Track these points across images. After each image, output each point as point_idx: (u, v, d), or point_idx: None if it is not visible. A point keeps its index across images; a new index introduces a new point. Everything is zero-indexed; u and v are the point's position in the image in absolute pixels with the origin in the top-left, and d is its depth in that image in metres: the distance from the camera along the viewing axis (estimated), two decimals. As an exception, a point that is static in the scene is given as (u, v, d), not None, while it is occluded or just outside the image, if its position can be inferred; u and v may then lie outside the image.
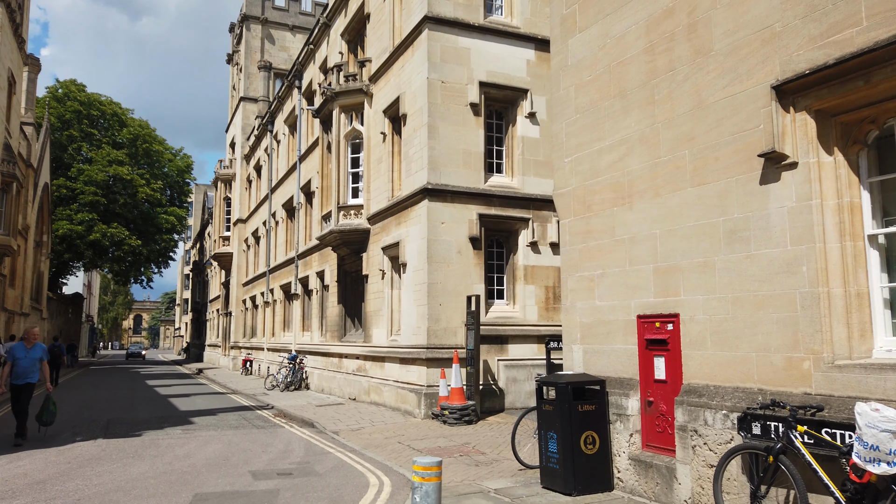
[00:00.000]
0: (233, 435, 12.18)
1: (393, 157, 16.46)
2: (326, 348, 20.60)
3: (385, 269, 16.38)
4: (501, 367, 14.50)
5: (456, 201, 14.46)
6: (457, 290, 14.21)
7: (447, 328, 14.05)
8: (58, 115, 46.37)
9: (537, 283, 15.14)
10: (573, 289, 8.26)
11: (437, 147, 14.39)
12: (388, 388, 15.44)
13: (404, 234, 15.31)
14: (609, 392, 7.44)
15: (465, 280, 14.33)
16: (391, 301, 16.15)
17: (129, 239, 45.18)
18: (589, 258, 8.01)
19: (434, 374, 13.76)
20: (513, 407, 14.43)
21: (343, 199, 18.21)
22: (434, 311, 13.96)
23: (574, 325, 8.21)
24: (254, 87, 38.01)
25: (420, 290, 14.31)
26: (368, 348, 17.09)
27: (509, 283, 15.25)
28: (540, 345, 14.93)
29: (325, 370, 20.58)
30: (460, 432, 11.83)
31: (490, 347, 14.43)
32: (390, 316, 16.11)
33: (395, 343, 15.50)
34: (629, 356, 7.38)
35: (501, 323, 14.67)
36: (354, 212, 17.95)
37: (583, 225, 8.15)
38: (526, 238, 15.13)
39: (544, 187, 15.33)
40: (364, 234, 17.67)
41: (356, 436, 11.82)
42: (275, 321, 28.95)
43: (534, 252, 15.18)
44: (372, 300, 17.21)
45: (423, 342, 13.95)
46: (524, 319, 14.92)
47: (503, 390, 14.41)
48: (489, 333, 14.36)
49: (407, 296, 15.12)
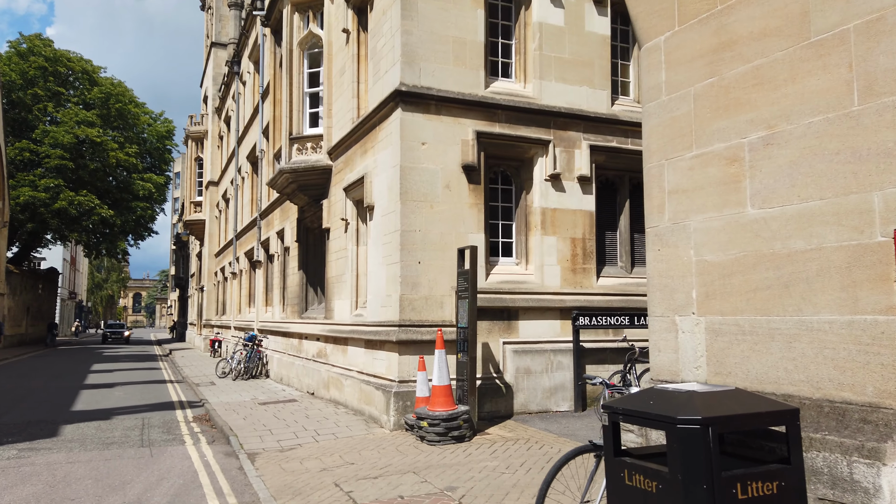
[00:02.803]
0: (89, 460, 7.85)
1: (359, 62, 11.86)
2: (286, 327, 16.23)
3: (349, 218, 11.91)
4: (509, 354, 10.07)
5: (443, 112, 9.91)
6: (444, 242, 9.73)
7: (429, 297, 9.59)
8: (20, 71, 42.01)
9: (560, 233, 10.62)
10: (679, 188, 3.82)
11: (414, 31, 9.80)
12: (350, 381, 11.04)
13: (371, 165, 10.80)
14: (813, 441, 2.96)
15: (455, 227, 9.85)
16: (356, 261, 11.69)
17: (100, 208, 40.86)
18: (727, 108, 3.54)
19: (409, 363, 9.35)
20: (525, 411, 10.02)
21: (297, 129, 13.67)
22: (410, 271, 9.50)
23: (683, 271, 3.78)
24: (225, 31, 33.32)
25: (390, 241, 9.83)
26: (329, 327, 12.68)
27: (520, 234, 10.75)
28: (564, 321, 10.46)
29: (284, 354, 16.23)
30: (444, 460, 7.43)
31: (492, 325, 9.99)
32: (355, 282, 11.66)
33: (360, 319, 11.08)
34: (866, 342, 2.90)
35: (509, 290, 10.21)
36: (312, 145, 13.42)
37: (708, 32, 3.61)
38: (544, 169, 10.59)
39: (571, 97, 10.73)
40: (324, 174, 13.15)
41: (281, 464, 7.45)
42: (241, 295, 24.61)
43: (555, 189, 10.65)
44: (334, 262, 12.77)
45: (395, 317, 9.52)
46: (541, 285, 10.44)
47: (511, 387, 9.99)
48: (491, 305, 9.91)
49: (374, 252, 10.66)
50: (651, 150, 3.89)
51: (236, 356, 17.60)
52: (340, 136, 12.30)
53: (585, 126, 10.87)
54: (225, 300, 29.10)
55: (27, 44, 43.69)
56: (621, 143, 11.15)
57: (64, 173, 39.99)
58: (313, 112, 13.87)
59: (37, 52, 42.65)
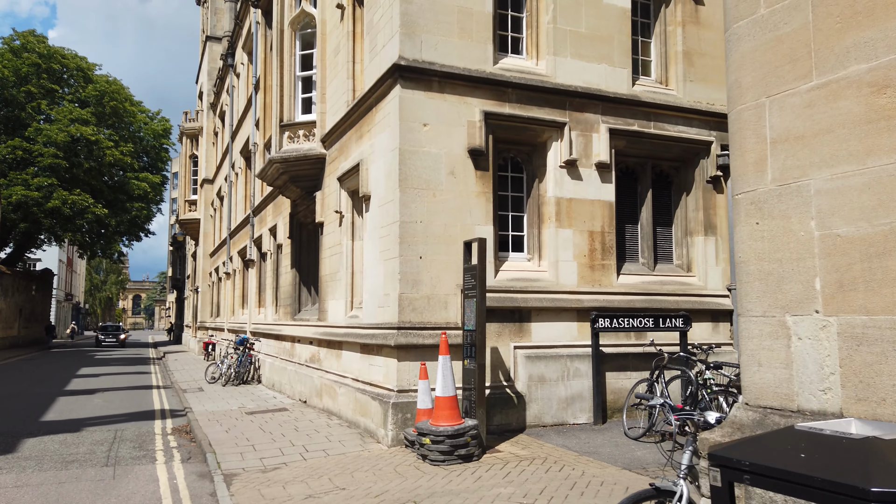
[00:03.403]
0: (40, 484, 6.82)
1: (354, 40, 10.85)
2: (278, 329, 15.20)
3: (343, 211, 10.89)
4: (520, 359, 9.03)
5: (447, 90, 8.88)
6: (448, 235, 8.71)
7: (432, 296, 8.57)
8: (14, 68, 41.07)
9: (577, 225, 9.60)
10: (791, 134, 2.84)
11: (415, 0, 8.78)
12: (344, 389, 10.01)
13: (367, 151, 9.78)
14: None
15: (461, 218, 8.82)
16: (351, 258, 10.67)
17: (94, 207, 39.86)
18: (870, 12, 2.56)
19: (410, 370, 8.31)
20: (539, 423, 8.99)
21: (288, 115, 12.65)
22: (410, 267, 8.47)
23: (798, 251, 2.80)
24: (220, 25, 32.34)
25: (388, 234, 8.81)
26: (323, 329, 11.65)
27: (532, 227, 9.73)
28: (582, 323, 9.44)
29: (276, 359, 15.20)
30: (449, 485, 6.38)
31: (502, 327, 8.96)
32: (350, 281, 10.64)
33: (356, 321, 10.05)
34: None
35: (520, 289, 9.18)
36: (304, 132, 12.40)
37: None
38: (559, 154, 9.57)
39: (587, 75, 9.72)
40: (317, 164, 12.13)
41: (260, 489, 6.42)
42: (234, 296, 23.57)
43: (571, 177, 9.62)
44: (328, 259, 11.74)
45: (393, 319, 8.49)
46: (556, 283, 9.42)
47: (523, 396, 8.95)
48: (501, 305, 8.89)
49: (371, 246, 9.64)
50: (742, 87, 2.85)
51: (227, 360, 16.59)
52: (335, 122, 11.28)
53: (604, 107, 9.85)
54: (219, 301, 28.08)
55: (21, 40, 42.82)
56: (643, 127, 10.12)
57: (57, 172, 39.02)
58: (306, 97, 12.85)
59: (30, 49, 41.75)
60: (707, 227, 10.51)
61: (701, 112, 10.49)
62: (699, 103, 10.51)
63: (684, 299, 10.16)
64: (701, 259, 10.50)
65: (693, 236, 10.62)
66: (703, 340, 10.10)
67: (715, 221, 10.57)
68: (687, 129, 10.43)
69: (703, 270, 10.49)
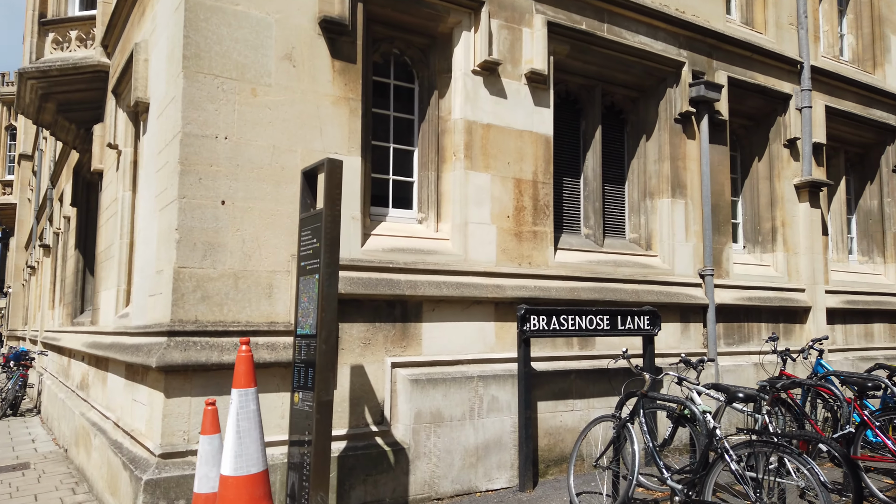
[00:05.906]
0: None
1: None
2: (58, 338, 10.54)
3: (119, 142, 6.71)
4: (403, 385, 5.27)
5: (281, -88, 5.02)
6: (279, 166, 4.84)
7: (243, 273, 4.65)
8: None
9: (497, 168, 6.03)
10: None
11: None
12: (100, 439, 5.78)
13: (148, 30, 5.73)
14: None
15: (303, 138, 4.98)
16: (130, 218, 6.50)
17: None
18: None
19: (188, 413, 4.33)
20: (433, 495, 5.26)
21: (56, 8, 8.23)
22: (200, 220, 4.52)
23: None
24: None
25: (167, 161, 4.80)
26: (92, 338, 7.34)
27: (428, 168, 6.04)
28: (503, 323, 5.89)
29: (56, 379, 10.53)
30: None
31: (372, 330, 5.19)
32: (126, 257, 6.46)
33: (125, 322, 5.90)
34: None
35: (405, 266, 5.43)
36: (80, 34, 8.04)
37: None
38: (472, 52, 5.96)
39: (517, -68, 6.20)
40: (96, 80, 7.80)
41: None
42: (39, 295, 18.12)
43: (490, 91, 6.04)
44: (104, 226, 7.48)
45: (165, 316, 4.48)
46: (464, 259, 5.78)
47: (406, 449, 5.18)
48: (371, 293, 5.12)
49: (147, 192, 5.57)
50: None
51: (-9, 383, 11.64)
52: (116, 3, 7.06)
53: (541, -8, 6.40)
54: (29, 304, 22.20)
55: None
56: (594, 28, 6.77)
57: None
58: (88, -15, 8.48)
59: None
60: (675, 185, 7.33)
61: (670, 19, 7.32)
62: (667, 7, 7.33)
63: (645, 288, 6.90)
64: (666, 231, 7.29)
65: (655, 198, 7.40)
66: (669, 348, 6.90)
67: (685, 178, 7.40)
68: (651, 42, 7.22)
69: (669, 247, 7.29)
